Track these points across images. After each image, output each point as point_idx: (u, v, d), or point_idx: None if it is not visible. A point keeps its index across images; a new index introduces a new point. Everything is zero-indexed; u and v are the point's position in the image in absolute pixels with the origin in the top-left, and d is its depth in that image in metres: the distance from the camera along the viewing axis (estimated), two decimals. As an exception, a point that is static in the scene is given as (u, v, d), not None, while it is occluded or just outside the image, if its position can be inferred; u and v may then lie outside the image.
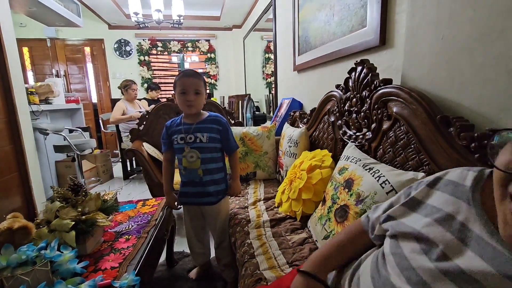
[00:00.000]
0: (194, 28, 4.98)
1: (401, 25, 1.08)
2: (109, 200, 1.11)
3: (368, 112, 1.05)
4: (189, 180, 1.26)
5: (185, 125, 1.25)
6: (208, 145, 1.23)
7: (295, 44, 2.19)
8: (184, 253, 1.69)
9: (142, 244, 1.02)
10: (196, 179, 1.24)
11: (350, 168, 1.02)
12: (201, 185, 1.25)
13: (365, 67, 1.06)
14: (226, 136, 1.28)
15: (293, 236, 1.15)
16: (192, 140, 1.22)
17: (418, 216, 0.50)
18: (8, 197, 1.93)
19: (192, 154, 1.22)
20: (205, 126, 1.24)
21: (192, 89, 1.18)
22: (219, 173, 1.29)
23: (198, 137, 1.22)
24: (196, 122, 1.25)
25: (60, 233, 0.86)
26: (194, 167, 1.23)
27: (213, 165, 1.26)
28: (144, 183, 3.30)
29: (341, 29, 1.50)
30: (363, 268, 0.57)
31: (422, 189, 0.54)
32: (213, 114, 1.30)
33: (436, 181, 0.53)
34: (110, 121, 3.21)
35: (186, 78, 1.19)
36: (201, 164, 1.23)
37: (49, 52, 4.54)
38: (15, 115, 1.99)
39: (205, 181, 1.25)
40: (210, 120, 1.27)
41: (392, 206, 0.59)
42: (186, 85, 1.18)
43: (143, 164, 1.95)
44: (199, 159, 1.22)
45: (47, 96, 2.79)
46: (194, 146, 1.22)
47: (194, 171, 1.23)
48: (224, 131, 1.27)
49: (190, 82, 1.18)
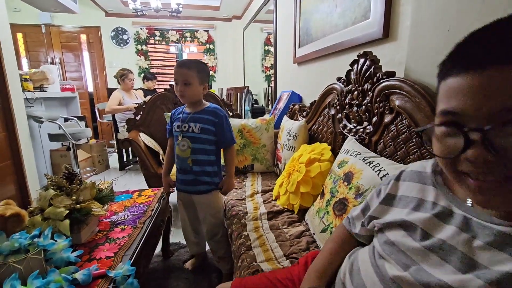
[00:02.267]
0: (192, 17, 4.89)
1: (405, 17, 1.05)
2: (104, 189, 1.09)
3: (369, 105, 1.04)
4: (181, 168, 1.28)
5: (184, 113, 1.27)
6: (200, 136, 1.23)
7: (295, 36, 2.16)
8: (180, 244, 1.68)
9: (138, 235, 1.01)
10: (187, 168, 1.25)
11: (349, 161, 1.01)
12: (191, 173, 1.26)
13: (368, 59, 1.04)
14: (221, 129, 1.26)
15: (290, 229, 1.15)
16: (186, 129, 1.24)
17: (396, 209, 0.55)
18: (1, 185, 1.90)
19: (184, 143, 1.23)
20: (200, 117, 1.24)
21: (181, 80, 1.19)
22: (210, 166, 1.27)
23: (191, 126, 1.23)
24: (193, 111, 1.25)
25: (54, 221, 0.84)
26: (185, 156, 1.24)
27: (204, 157, 1.25)
28: (140, 174, 3.28)
29: (344, 20, 1.47)
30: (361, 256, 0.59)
31: (392, 184, 0.58)
32: (212, 106, 1.29)
33: (401, 174, 0.58)
34: (105, 110, 3.15)
35: (177, 69, 1.21)
36: (191, 154, 1.23)
37: (44, 39, 4.44)
38: (9, 101, 1.94)
39: (195, 171, 1.25)
40: (207, 111, 1.26)
41: (368, 206, 0.63)
42: (176, 75, 1.20)
43: (139, 154, 1.92)
44: (189, 148, 1.23)
45: (42, 84, 2.74)
46: (187, 135, 1.24)
47: (184, 160, 1.24)
48: (220, 123, 1.26)
49: (180, 73, 1.19)
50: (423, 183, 0.52)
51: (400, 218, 0.51)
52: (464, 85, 0.34)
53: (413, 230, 0.48)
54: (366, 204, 0.64)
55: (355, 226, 0.67)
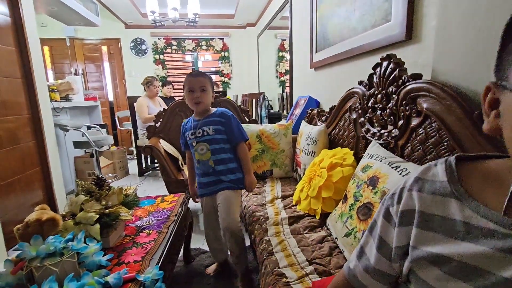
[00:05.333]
0: (208, 26, 5.00)
1: (430, 18, 1.03)
2: (130, 194, 1.12)
3: (394, 108, 1.02)
4: (203, 172, 1.33)
5: (195, 121, 1.35)
6: (215, 137, 1.31)
7: (312, 41, 2.16)
8: (201, 250, 1.69)
9: (163, 239, 1.02)
10: (209, 170, 1.32)
11: (374, 166, 0.99)
12: (214, 175, 1.32)
13: (392, 62, 1.02)
14: (230, 127, 1.34)
15: (312, 234, 1.14)
16: (200, 134, 1.32)
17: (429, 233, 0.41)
18: (31, 191, 1.98)
19: (202, 147, 1.31)
20: (211, 120, 1.33)
21: (198, 87, 1.28)
22: (231, 163, 1.35)
23: (205, 130, 1.31)
24: (203, 117, 1.34)
25: (85, 225, 0.87)
26: (205, 158, 1.31)
27: (223, 155, 1.33)
28: (159, 180, 3.34)
29: (363, 24, 1.46)
30: None
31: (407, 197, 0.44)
32: (219, 110, 1.37)
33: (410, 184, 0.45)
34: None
35: (192, 78, 1.30)
36: (212, 155, 1.30)
37: (68, 51, 4.66)
38: (38, 111, 2.05)
39: (218, 171, 1.31)
40: (215, 114, 1.35)
41: (382, 240, 0.48)
42: (192, 84, 1.29)
43: (160, 160, 1.96)
44: (209, 150, 1.30)
45: (67, 94, 2.86)
46: (203, 139, 1.31)
47: (206, 162, 1.31)
48: (227, 122, 1.33)
49: (196, 81, 1.29)
50: (442, 195, 0.41)
51: (430, 250, 0.39)
52: None
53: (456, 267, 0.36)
54: (380, 239, 0.48)
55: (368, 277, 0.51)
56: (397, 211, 0.45)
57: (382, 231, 0.48)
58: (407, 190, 0.45)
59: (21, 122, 1.93)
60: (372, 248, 0.50)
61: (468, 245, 0.36)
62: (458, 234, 0.38)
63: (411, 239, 0.42)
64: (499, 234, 0.34)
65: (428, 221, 0.41)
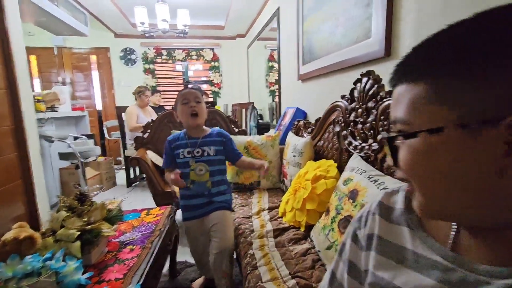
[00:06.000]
0: (198, 37, 5.05)
1: (406, 37, 1.08)
2: (113, 209, 1.10)
3: (374, 123, 1.05)
4: (197, 193, 1.29)
5: (191, 139, 1.30)
6: (216, 158, 1.29)
7: (299, 54, 2.21)
8: (187, 263, 1.67)
9: (147, 255, 1.01)
10: (204, 192, 1.28)
11: (355, 179, 1.02)
12: (208, 196, 1.29)
13: (371, 78, 1.06)
14: (231, 146, 1.35)
15: (296, 246, 1.15)
16: (199, 154, 1.27)
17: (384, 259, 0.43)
18: (11, 205, 1.93)
19: (201, 168, 1.26)
20: (211, 140, 1.31)
21: (192, 97, 1.26)
22: (224, 185, 1.35)
23: (205, 150, 1.28)
24: (201, 136, 1.31)
25: (66, 243, 0.86)
26: (203, 179, 1.27)
27: (220, 177, 1.32)
28: (147, 191, 3.29)
29: (346, 40, 1.51)
30: None
31: (371, 221, 0.46)
32: (215, 129, 1.37)
33: (379, 207, 0.46)
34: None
35: (185, 91, 1.29)
36: (210, 177, 1.27)
37: (56, 60, 4.61)
38: (21, 122, 2.01)
39: (213, 192, 1.29)
40: (215, 134, 1.34)
41: (352, 263, 0.48)
42: (186, 95, 1.27)
43: (147, 172, 1.95)
44: (208, 171, 1.27)
45: (53, 104, 2.82)
46: (202, 159, 1.27)
47: (202, 184, 1.27)
48: (228, 141, 1.35)
49: (190, 93, 1.28)
50: (397, 224, 0.43)
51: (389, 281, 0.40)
52: None
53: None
54: (349, 262, 0.49)
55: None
56: (364, 235, 0.46)
57: (351, 255, 0.48)
58: (371, 214, 0.46)
59: (3, 134, 1.89)
60: (343, 272, 0.50)
61: (416, 274, 0.37)
62: (408, 263, 0.39)
63: (370, 263, 0.44)
64: (442, 267, 0.35)
65: (384, 246, 0.43)
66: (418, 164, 0.32)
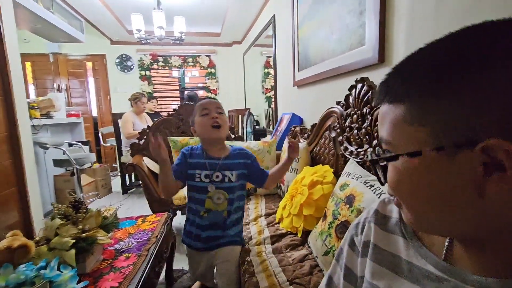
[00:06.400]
0: (194, 43, 5.08)
1: (399, 44, 1.11)
2: (109, 216, 1.09)
3: (369, 128, 1.06)
4: (210, 223, 1.11)
5: (209, 159, 1.10)
6: (237, 184, 1.12)
7: (294, 60, 2.24)
8: (184, 270, 1.65)
9: (143, 263, 1.00)
10: (219, 222, 1.11)
11: (351, 184, 1.02)
12: (222, 228, 1.12)
13: (365, 84, 1.08)
14: (256, 167, 1.16)
15: (293, 252, 1.14)
16: (219, 179, 1.09)
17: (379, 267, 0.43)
18: (5, 212, 1.90)
19: (219, 196, 1.08)
20: (233, 162, 1.12)
21: (214, 107, 1.10)
22: (239, 212, 1.19)
23: (226, 175, 1.09)
24: (222, 157, 1.12)
25: (60, 251, 0.85)
26: (220, 209, 1.09)
27: (238, 204, 1.16)
28: (143, 198, 3.26)
29: (340, 46, 1.53)
30: None
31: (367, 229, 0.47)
32: (237, 148, 1.18)
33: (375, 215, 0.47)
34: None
35: (205, 100, 1.12)
36: (228, 205, 1.10)
37: (51, 67, 4.60)
38: (16, 129, 1.99)
39: (228, 222, 1.13)
40: (237, 154, 1.14)
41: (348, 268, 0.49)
42: (207, 105, 1.10)
43: (143, 179, 1.94)
44: (226, 200, 1.09)
45: (48, 111, 2.81)
46: (222, 186, 1.09)
47: (219, 213, 1.10)
48: (253, 163, 1.16)
49: (210, 102, 1.12)
50: (392, 233, 0.43)
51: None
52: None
53: None
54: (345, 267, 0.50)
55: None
56: (360, 242, 0.47)
57: (348, 260, 0.49)
58: (367, 222, 0.47)
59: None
60: (340, 277, 0.51)
61: (410, 285, 0.38)
62: (402, 272, 0.40)
63: (365, 270, 0.44)
64: (435, 277, 0.36)
65: (379, 255, 0.43)
66: (402, 183, 0.33)
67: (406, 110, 0.31)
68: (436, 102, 0.28)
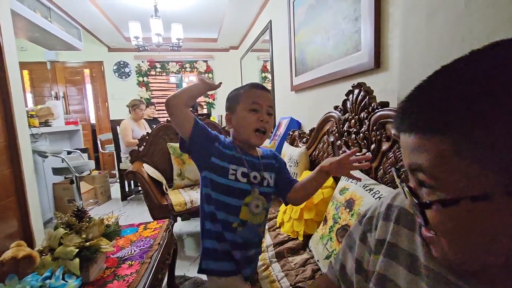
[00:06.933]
0: (192, 49, 5.11)
1: (394, 50, 1.13)
2: (111, 224, 1.10)
3: (367, 133, 1.08)
4: (244, 242, 0.81)
5: (248, 155, 0.85)
6: (273, 191, 0.89)
7: (292, 65, 2.26)
8: (186, 277, 1.65)
9: (146, 270, 1.01)
10: (255, 240, 0.85)
11: (350, 188, 1.04)
12: (255, 246, 0.87)
13: (362, 90, 1.10)
14: (286, 171, 0.93)
15: (295, 257, 1.15)
16: (257, 180, 0.82)
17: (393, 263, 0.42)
18: (5, 222, 1.89)
19: (258, 203, 0.82)
20: (270, 163, 0.89)
21: (266, 105, 0.83)
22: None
23: (266, 178, 0.84)
24: (259, 155, 0.88)
25: (64, 261, 0.85)
26: (257, 222, 0.83)
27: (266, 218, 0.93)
28: (143, 204, 3.26)
29: (337, 52, 1.56)
30: None
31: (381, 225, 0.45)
32: (265, 149, 0.95)
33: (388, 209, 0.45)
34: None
35: (259, 91, 0.83)
36: (264, 218, 0.86)
37: (49, 75, 4.60)
38: (15, 139, 1.99)
39: (261, 239, 0.89)
40: (269, 156, 0.91)
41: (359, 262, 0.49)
42: (260, 99, 0.82)
43: (143, 186, 1.94)
44: (265, 210, 0.85)
45: (47, 119, 2.81)
46: (263, 191, 0.83)
47: (255, 228, 0.83)
48: (283, 166, 0.93)
49: (265, 97, 0.83)
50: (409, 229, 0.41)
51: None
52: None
53: None
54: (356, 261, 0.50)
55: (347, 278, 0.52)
56: (374, 239, 0.46)
57: (359, 254, 0.49)
58: (381, 218, 0.46)
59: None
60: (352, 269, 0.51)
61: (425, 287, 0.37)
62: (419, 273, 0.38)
63: (377, 266, 0.45)
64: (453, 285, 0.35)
65: (394, 252, 0.43)
66: (459, 228, 0.29)
67: (452, 143, 0.27)
68: (490, 134, 0.25)
